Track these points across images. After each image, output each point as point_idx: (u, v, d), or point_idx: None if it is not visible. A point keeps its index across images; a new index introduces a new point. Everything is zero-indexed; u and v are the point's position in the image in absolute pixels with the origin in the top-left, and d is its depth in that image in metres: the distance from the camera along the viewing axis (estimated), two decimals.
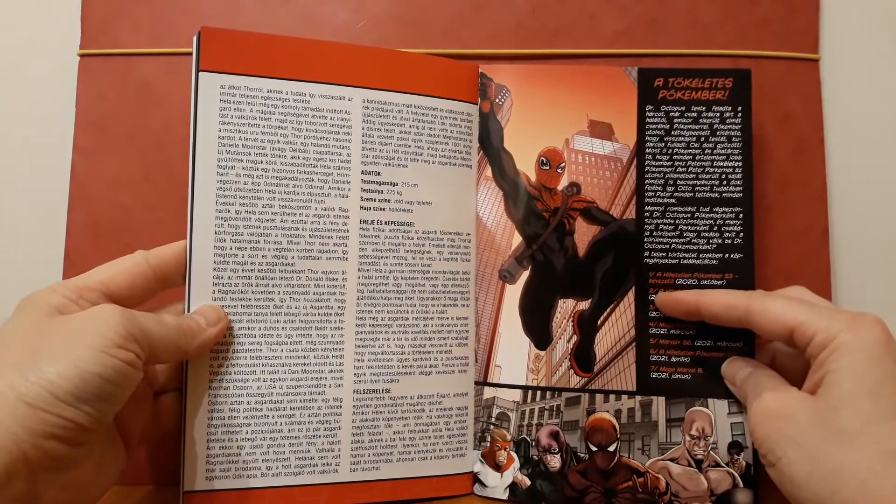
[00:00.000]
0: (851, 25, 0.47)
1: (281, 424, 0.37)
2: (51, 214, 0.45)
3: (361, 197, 0.39)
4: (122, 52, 0.45)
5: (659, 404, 0.39)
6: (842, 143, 0.47)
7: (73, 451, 0.28)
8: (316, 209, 0.38)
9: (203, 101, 0.37)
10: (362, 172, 0.39)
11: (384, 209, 0.39)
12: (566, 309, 0.41)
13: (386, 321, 0.39)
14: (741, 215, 0.40)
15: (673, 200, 0.40)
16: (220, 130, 0.37)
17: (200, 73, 0.37)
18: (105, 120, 0.44)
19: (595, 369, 0.40)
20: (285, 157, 0.38)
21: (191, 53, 0.37)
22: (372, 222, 0.39)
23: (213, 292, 0.36)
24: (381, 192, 0.39)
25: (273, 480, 0.37)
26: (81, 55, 0.45)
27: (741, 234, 0.40)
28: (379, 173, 0.39)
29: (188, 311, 0.36)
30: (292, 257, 0.38)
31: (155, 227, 0.44)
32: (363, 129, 0.39)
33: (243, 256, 0.37)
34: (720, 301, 0.36)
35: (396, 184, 0.40)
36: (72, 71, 0.45)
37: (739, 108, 0.41)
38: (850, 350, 0.30)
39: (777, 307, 0.33)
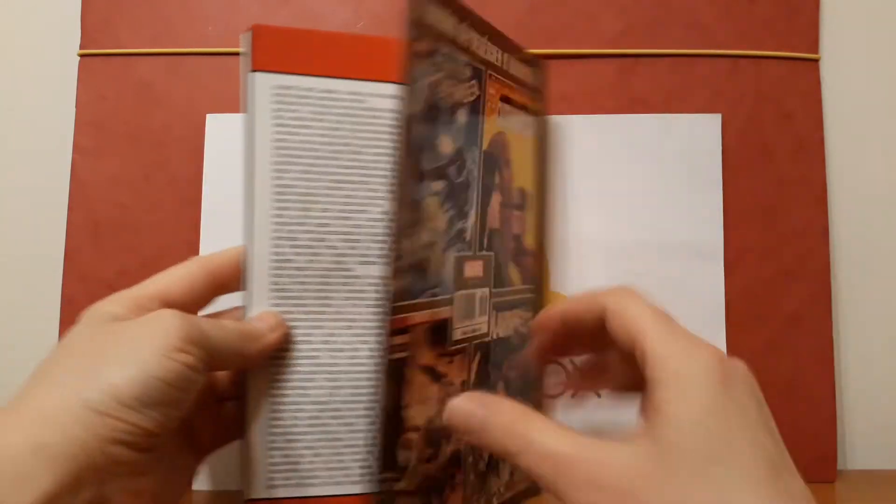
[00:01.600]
0: (851, 25, 0.47)
1: (342, 433, 0.35)
2: (51, 214, 0.45)
3: None
4: (122, 52, 0.45)
5: None
6: (842, 143, 0.47)
7: (141, 457, 0.28)
8: (374, 213, 0.36)
9: (258, 103, 0.35)
10: None
11: None
12: None
13: None
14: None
15: None
16: (275, 133, 0.35)
17: (254, 74, 0.35)
18: (105, 120, 0.44)
19: None
20: (342, 159, 0.36)
21: (191, 53, 0.37)
22: None
23: (272, 298, 0.35)
24: None
25: (334, 489, 0.35)
26: (81, 55, 0.45)
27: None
28: None
29: (247, 317, 0.35)
30: (351, 262, 0.36)
31: (155, 227, 0.44)
32: None
33: (301, 262, 0.35)
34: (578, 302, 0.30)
35: None
36: (72, 71, 0.45)
37: None
38: (683, 392, 0.25)
39: (625, 309, 0.28)
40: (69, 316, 0.43)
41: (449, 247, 0.32)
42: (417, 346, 0.30)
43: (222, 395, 0.37)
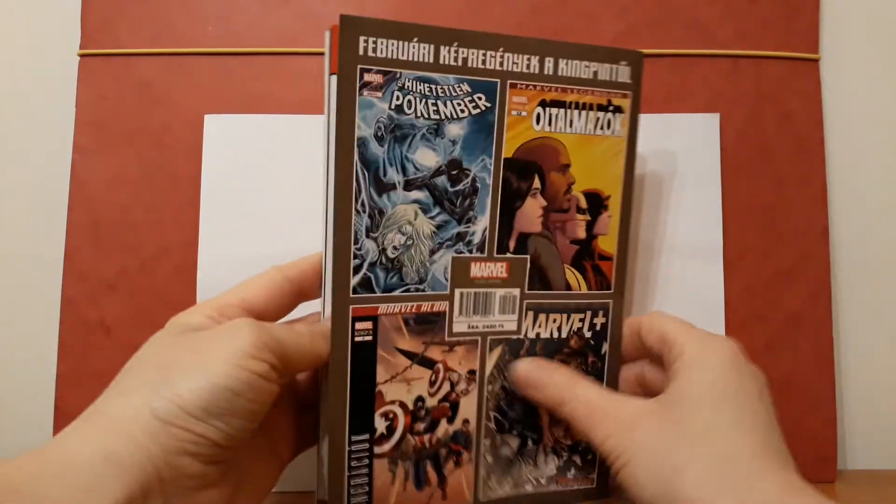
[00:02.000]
0: (851, 25, 0.47)
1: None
2: (51, 214, 0.45)
3: None
4: (122, 51, 0.45)
5: None
6: (842, 142, 0.47)
7: (208, 469, 0.27)
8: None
9: (335, 108, 0.33)
10: None
11: None
12: None
13: None
14: None
15: None
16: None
17: (333, 77, 0.33)
18: (105, 120, 0.44)
19: None
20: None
21: (191, 53, 0.37)
22: None
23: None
24: None
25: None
26: (81, 55, 0.45)
27: None
28: None
29: (323, 319, 0.35)
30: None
31: (155, 227, 0.44)
32: None
33: None
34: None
35: None
36: (72, 71, 0.45)
37: None
38: (698, 362, 0.32)
39: (657, 318, 0.36)
40: (69, 316, 0.43)
41: (441, 248, 0.35)
42: (390, 332, 0.35)
43: (303, 402, 0.36)
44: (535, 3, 0.46)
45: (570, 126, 0.37)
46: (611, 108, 0.38)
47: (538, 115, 0.36)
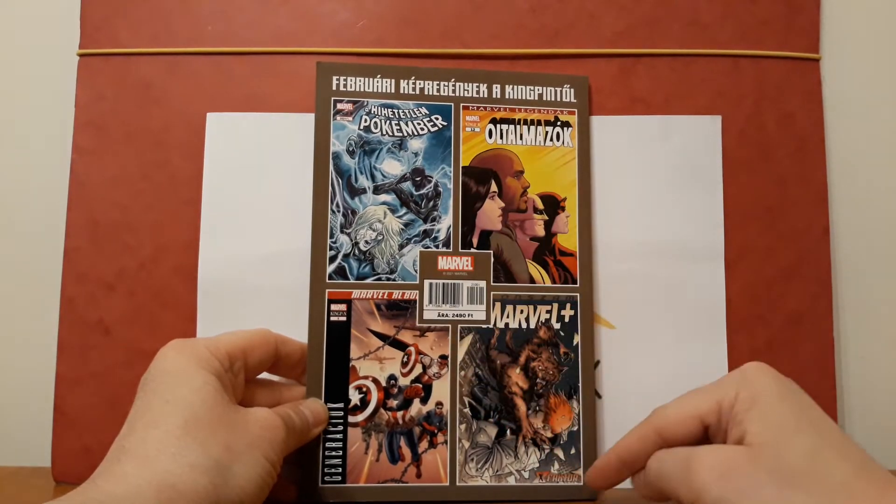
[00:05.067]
0: (852, 25, 0.47)
1: None
2: (50, 214, 0.45)
3: None
4: (122, 51, 0.44)
5: None
6: (842, 142, 0.47)
7: None
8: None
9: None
10: None
11: None
12: None
13: None
14: None
15: None
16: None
17: None
18: (104, 120, 0.44)
19: None
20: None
21: (190, 53, 0.37)
22: None
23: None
24: None
25: None
26: (81, 55, 0.45)
27: None
28: None
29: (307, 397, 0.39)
30: None
31: (154, 227, 0.43)
32: None
33: None
34: (629, 443, 0.34)
35: None
36: (71, 71, 0.45)
37: None
38: (756, 400, 0.30)
39: (674, 406, 0.33)
40: (68, 316, 0.43)
41: (409, 243, 0.41)
42: (363, 314, 0.40)
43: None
44: (534, 2, 0.46)
45: (521, 139, 0.43)
46: (558, 123, 0.43)
47: (490, 130, 0.42)
